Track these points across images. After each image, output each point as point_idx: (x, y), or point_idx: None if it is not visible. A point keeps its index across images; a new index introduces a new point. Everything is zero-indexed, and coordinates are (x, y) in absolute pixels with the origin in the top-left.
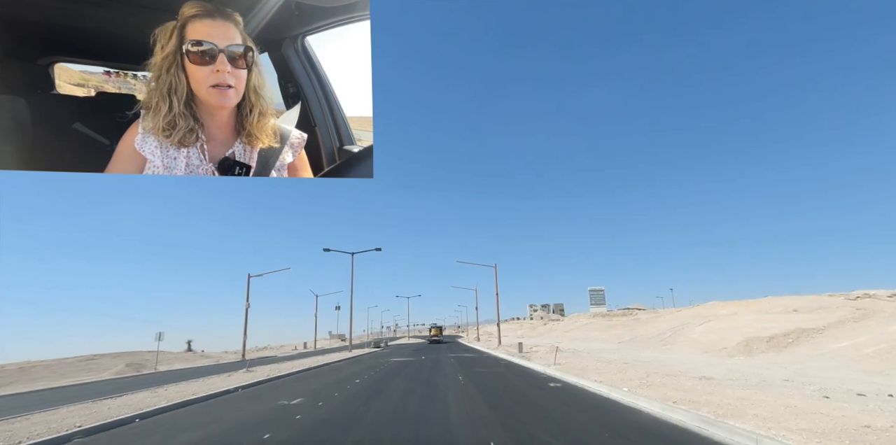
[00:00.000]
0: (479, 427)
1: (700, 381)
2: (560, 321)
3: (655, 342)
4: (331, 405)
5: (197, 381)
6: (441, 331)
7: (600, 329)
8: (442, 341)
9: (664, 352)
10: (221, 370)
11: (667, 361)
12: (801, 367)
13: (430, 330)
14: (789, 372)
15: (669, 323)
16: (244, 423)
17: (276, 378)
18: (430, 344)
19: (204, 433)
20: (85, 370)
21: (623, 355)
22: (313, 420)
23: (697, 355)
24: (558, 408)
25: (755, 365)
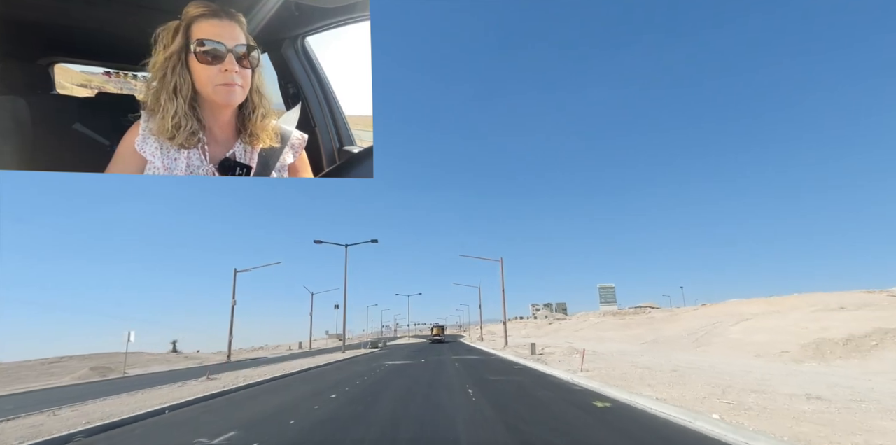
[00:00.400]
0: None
1: (814, 404)
2: (567, 320)
3: (685, 343)
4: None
5: (132, 395)
6: (443, 331)
7: (614, 328)
8: (444, 340)
9: (703, 355)
10: (185, 376)
11: (722, 368)
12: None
13: (431, 330)
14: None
15: (694, 322)
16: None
17: (234, 390)
18: (431, 343)
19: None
20: (47, 373)
21: (656, 358)
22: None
23: (752, 360)
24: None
25: (847, 375)
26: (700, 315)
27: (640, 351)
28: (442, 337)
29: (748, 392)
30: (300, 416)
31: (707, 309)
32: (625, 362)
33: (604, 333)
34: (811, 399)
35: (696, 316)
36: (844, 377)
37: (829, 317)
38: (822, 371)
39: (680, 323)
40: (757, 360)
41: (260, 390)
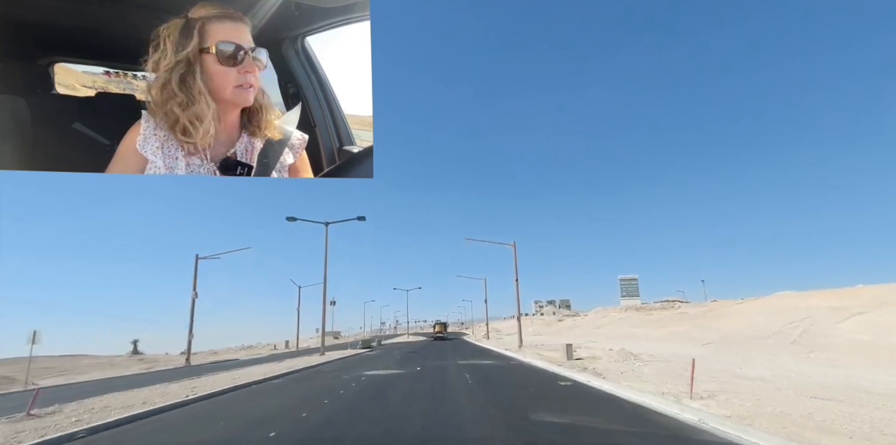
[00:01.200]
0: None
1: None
2: (581, 316)
3: (773, 344)
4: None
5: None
6: (445, 328)
7: (643, 324)
8: (446, 338)
9: (834, 364)
10: (54, 397)
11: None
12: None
13: (433, 327)
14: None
15: (758, 318)
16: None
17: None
18: (433, 341)
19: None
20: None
21: (769, 369)
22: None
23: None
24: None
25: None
26: (752, 309)
27: (710, 355)
28: (444, 335)
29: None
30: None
31: (756, 302)
32: (729, 374)
33: (633, 330)
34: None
35: (748, 311)
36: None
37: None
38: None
39: (732, 318)
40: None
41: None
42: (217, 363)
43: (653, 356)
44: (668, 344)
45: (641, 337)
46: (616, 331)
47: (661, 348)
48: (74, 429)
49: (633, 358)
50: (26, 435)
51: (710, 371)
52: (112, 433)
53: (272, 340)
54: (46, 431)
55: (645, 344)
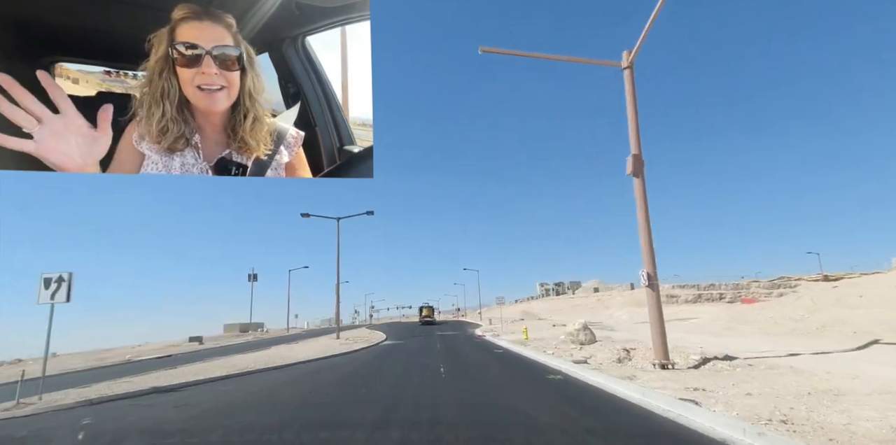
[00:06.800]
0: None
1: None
2: (606, 295)
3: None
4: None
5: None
6: (433, 312)
7: (696, 307)
8: (434, 322)
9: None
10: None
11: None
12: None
13: (420, 311)
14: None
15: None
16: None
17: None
18: (421, 326)
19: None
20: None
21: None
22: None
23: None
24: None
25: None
26: (826, 293)
27: (871, 359)
28: (432, 320)
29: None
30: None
31: (821, 285)
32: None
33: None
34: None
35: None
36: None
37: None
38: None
39: (822, 304)
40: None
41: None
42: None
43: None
44: (778, 340)
45: (744, 333)
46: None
47: (769, 347)
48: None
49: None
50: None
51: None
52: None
53: (285, 325)
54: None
55: (756, 339)
